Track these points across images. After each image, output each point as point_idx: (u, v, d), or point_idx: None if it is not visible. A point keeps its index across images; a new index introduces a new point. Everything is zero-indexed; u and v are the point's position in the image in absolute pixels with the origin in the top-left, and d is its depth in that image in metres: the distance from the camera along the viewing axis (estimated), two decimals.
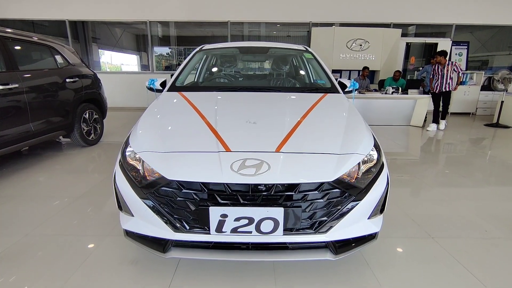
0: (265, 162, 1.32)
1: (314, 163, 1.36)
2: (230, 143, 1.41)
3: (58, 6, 7.63)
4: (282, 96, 2.16)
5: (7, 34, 3.03)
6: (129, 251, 1.77)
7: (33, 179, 2.92)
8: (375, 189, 1.43)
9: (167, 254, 1.39)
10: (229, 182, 1.27)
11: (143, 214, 1.40)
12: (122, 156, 1.55)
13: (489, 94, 7.88)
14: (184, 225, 1.35)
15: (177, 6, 7.73)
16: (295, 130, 1.53)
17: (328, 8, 7.82)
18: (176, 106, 1.99)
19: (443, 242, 1.92)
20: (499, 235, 2.02)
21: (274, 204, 1.29)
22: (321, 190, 1.31)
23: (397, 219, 2.21)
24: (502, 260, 1.74)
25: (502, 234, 2.02)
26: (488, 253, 1.81)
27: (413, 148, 4.73)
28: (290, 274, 1.60)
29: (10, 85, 2.84)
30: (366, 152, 1.47)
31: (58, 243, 1.85)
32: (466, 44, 8.16)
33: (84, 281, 1.52)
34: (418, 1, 7.78)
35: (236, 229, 1.30)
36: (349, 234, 1.41)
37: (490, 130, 6.02)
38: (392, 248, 1.85)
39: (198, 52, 2.78)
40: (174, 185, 1.32)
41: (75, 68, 3.93)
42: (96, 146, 4.23)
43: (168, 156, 1.39)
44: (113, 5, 7.75)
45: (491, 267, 1.67)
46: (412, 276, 1.59)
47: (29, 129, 3.08)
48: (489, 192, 2.77)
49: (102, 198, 2.51)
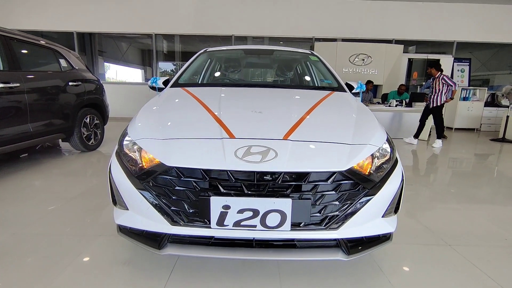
0: (272, 149, 1.22)
1: (325, 152, 1.26)
2: (235, 130, 1.32)
3: (66, 18, 7.82)
4: (288, 91, 2.10)
5: (13, 35, 3.04)
6: (121, 251, 1.64)
7: (27, 181, 2.81)
8: (390, 184, 1.32)
9: (163, 251, 1.27)
10: (233, 169, 1.16)
11: (138, 206, 1.29)
12: (119, 145, 1.46)
13: (493, 110, 7.84)
14: (183, 218, 1.23)
15: (183, 19, 7.90)
16: (303, 120, 1.44)
17: (331, 24, 7.97)
18: (179, 98, 1.91)
19: (460, 249, 1.77)
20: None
21: (282, 195, 1.18)
22: (333, 181, 1.20)
23: (411, 226, 2.08)
24: None
25: None
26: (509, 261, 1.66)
27: (419, 160, 4.62)
28: (296, 277, 1.45)
29: (11, 84, 2.80)
30: (379, 144, 1.37)
31: (46, 242, 1.72)
32: (468, 60, 8.22)
33: (71, 281, 1.39)
34: (420, 19, 7.93)
35: (239, 223, 1.18)
36: (362, 232, 1.29)
37: (496, 144, 5.92)
38: (407, 254, 1.71)
39: (202, 53, 2.75)
40: (173, 172, 1.21)
41: (78, 72, 3.92)
42: (96, 151, 4.14)
43: (168, 143, 1.29)
44: (120, 17, 7.93)
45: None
46: (429, 282, 1.45)
47: (27, 129, 3.01)
48: (503, 201, 2.63)
49: (97, 200, 2.39)
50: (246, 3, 7.86)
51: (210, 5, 7.87)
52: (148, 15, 7.92)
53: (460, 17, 7.90)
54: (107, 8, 7.88)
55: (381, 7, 7.88)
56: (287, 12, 7.90)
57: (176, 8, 7.87)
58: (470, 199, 2.68)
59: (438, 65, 5.29)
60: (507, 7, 7.82)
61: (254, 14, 7.90)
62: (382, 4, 7.86)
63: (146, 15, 7.91)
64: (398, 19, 7.95)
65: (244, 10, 7.88)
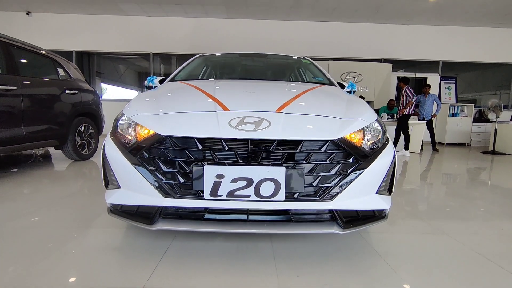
0: (265, 120, 1.24)
1: (318, 123, 1.29)
2: (229, 104, 1.35)
3: (66, 37, 8.05)
4: (281, 82, 2.16)
5: (13, 41, 3.12)
6: (110, 239, 1.58)
7: (18, 181, 2.75)
8: (382, 159, 1.34)
9: (154, 226, 1.24)
10: (227, 137, 1.18)
11: (131, 180, 1.27)
12: (114, 126, 1.46)
13: (482, 125, 8.07)
14: (176, 191, 1.22)
15: (180, 39, 8.19)
16: (296, 98, 1.49)
17: (323, 44, 8.33)
18: (174, 85, 1.95)
19: (459, 237, 1.75)
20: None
21: (275, 164, 1.18)
22: (325, 150, 1.22)
23: (406, 218, 2.06)
24: None
25: None
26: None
27: (413, 170, 4.65)
28: (291, 261, 1.41)
29: (7, 86, 2.83)
30: (370, 121, 1.41)
31: (33, 233, 1.66)
32: (454, 78, 8.57)
33: (53, 265, 1.32)
34: (406, 40, 8.34)
35: (233, 193, 1.17)
36: (357, 205, 1.28)
37: (487, 156, 6.01)
38: (404, 241, 1.68)
39: (197, 58, 2.85)
40: (167, 143, 1.22)
41: (75, 82, 3.98)
42: (88, 161, 4.09)
43: (163, 116, 1.31)
44: (119, 37, 8.19)
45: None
46: (428, 264, 1.42)
47: (21, 133, 2.99)
48: (498, 197, 2.64)
49: (87, 198, 2.34)
50: (242, 24, 8.23)
51: (206, 26, 8.21)
52: (146, 35, 8.20)
53: (445, 38, 8.34)
54: (106, 28, 8.16)
55: (370, 29, 8.31)
56: (282, 34, 8.27)
57: (173, 28, 8.18)
58: (465, 197, 2.69)
59: (406, 79, 5.90)
60: (490, 30, 8.31)
61: (250, 35, 8.24)
62: (371, 26, 8.29)
63: (144, 35, 8.19)
64: (385, 40, 8.35)
65: (240, 30, 8.22)
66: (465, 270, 1.37)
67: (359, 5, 7.09)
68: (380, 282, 1.24)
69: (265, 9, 7.46)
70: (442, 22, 8.00)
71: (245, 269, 1.33)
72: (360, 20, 8.05)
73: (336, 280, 1.23)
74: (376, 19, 7.97)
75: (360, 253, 1.49)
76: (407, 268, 1.36)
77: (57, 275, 1.24)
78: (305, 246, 1.55)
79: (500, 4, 6.73)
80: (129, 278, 1.22)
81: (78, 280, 1.20)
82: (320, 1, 6.86)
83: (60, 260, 1.35)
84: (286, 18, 8.05)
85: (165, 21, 8.18)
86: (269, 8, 7.40)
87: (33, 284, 1.17)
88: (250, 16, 7.97)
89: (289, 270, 1.33)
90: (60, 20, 8.06)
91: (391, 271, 1.32)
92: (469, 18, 7.62)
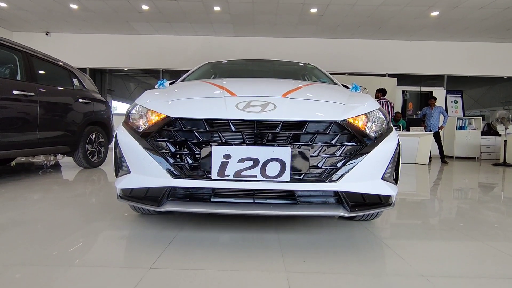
0: (270, 103, 1.29)
1: (322, 107, 1.33)
2: (236, 91, 1.41)
3: (81, 55, 8.45)
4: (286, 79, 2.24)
5: (33, 52, 3.31)
6: (116, 230, 1.60)
7: (27, 183, 2.82)
8: (386, 143, 1.36)
9: (162, 207, 1.27)
10: (234, 118, 1.22)
11: (141, 163, 1.32)
12: (126, 114, 1.53)
13: (491, 139, 7.96)
14: (184, 172, 1.26)
15: (189, 56, 8.50)
16: (301, 87, 1.54)
17: (328, 61, 8.50)
18: (185, 82, 2.04)
19: (466, 232, 1.72)
20: None
21: (281, 144, 1.22)
22: (330, 132, 1.25)
23: (414, 220, 2.03)
24: None
25: None
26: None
27: (425, 181, 4.59)
28: (297, 249, 1.40)
29: (26, 92, 2.98)
30: (373, 107, 1.44)
31: (40, 225, 1.69)
32: (460, 92, 8.58)
33: (62, 252, 1.35)
34: (410, 54, 8.47)
35: (240, 173, 1.20)
36: (361, 188, 1.29)
37: (498, 168, 5.89)
38: (411, 233, 1.66)
39: (205, 64, 2.97)
40: (177, 125, 1.27)
41: (89, 92, 4.15)
42: (98, 169, 4.17)
43: (174, 102, 1.37)
44: (131, 55, 8.56)
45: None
46: (437, 252, 1.39)
47: (35, 137, 3.10)
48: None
49: (96, 198, 2.38)
50: (249, 41, 8.52)
51: (215, 43, 8.53)
52: (157, 53, 8.55)
53: (449, 53, 8.44)
54: (119, 46, 8.55)
55: (374, 45, 8.49)
56: (287, 50, 8.49)
57: (183, 46, 8.52)
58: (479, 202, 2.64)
59: (384, 90, 6.42)
60: (493, 44, 8.40)
61: (257, 51, 8.50)
62: (375, 42, 8.48)
63: (156, 52, 8.54)
64: (389, 55, 8.49)
65: (247, 47, 8.50)
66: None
67: (362, 22, 7.31)
68: (387, 268, 1.22)
69: (270, 27, 7.75)
70: (444, 37, 8.15)
71: (251, 255, 1.33)
72: (363, 36, 8.26)
73: (344, 266, 1.22)
74: (379, 35, 8.17)
75: (366, 243, 1.47)
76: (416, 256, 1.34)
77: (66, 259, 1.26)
78: (311, 236, 1.54)
79: (501, 19, 6.85)
80: (136, 261, 1.23)
81: (85, 261, 1.22)
82: (324, 18, 7.10)
83: (70, 247, 1.38)
84: (291, 35, 8.33)
85: (175, 39, 8.54)
86: (274, 26, 7.69)
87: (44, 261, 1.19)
88: (256, 33, 8.27)
89: (295, 257, 1.32)
90: (76, 40, 8.49)
91: (401, 260, 1.30)
92: (471, 33, 7.75)
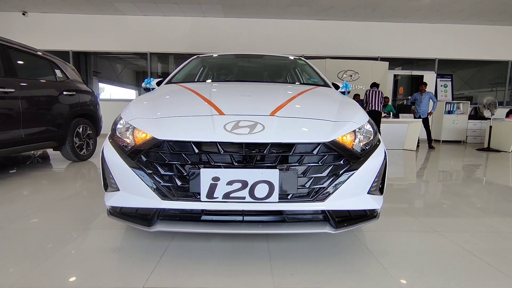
0: (259, 123, 1.28)
1: (310, 126, 1.33)
2: (224, 109, 1.39)
3: (62, 38, 8.03)
4: (276, 84, 2.21)
5: (10, 43, 3.13)
6: (110, 241, 1.62)
7: (17, 182, 2.78)
8: (373, 159, 1.38)
9: (153, 227, 1.28)
10: (222, 141, 1.22)
11: (130, 183, 1.31)
12: (112, 129, 1.50)
13: (477, 123, 8.14)
14: (173, 193, 1.26)
15: (177, 39, 8.19)
16: (290, 102, 1.53)
17: (320, 43, 8.36)
18: (172, 88, 1.99)
19: (449, 235, 1.81)
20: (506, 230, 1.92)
21: (269, 167, 1.23)
22: (318, 153, 1.26)
23: (399, 216, 2.11)
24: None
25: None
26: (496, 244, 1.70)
27: (412, 166, 4.71)
28: (286, 261, 1.45)
29: (6, 89, 2.85)
30: (361, 123, 1.45)
31: (34, 235, 1.69)
32: (450, 76, 8.63)
33: (56, 266, 1.36)
34: (403, 38, 8.38)
35: (229, 195, 1.22)
36: (349, 205, 1.33)
37: (482, 153, 6.09)
38: (396, 240, 1.74)
39: (194, 59, 2.88)
40: (164, 147, 1.26)
41: (73, 83, 4.00)
42: (87, 162, 4.12)
43: (160, 121, 1.35)
44: (116, 37, 8.18)
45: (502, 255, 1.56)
46: (418, 261, 1.47)
47: (19, 135, 3.02)
48: (494, 192, 2.71)
49: (87, 200, 2.37)
50: (239, 23, 8.23)
51: (204, 25, 8.22)
52: (143, 35, 8.19)
53: (440, 36, 8.39)
54: (103, 28, 8.15)
55: (367, 27, 8.34)
56: (279, 32, 8.28)
57: (171, 28, 8.18)
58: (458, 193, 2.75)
59: (377, 84, 6.43)
60: (485, 27, 8.36)
61: (248, 33, 8.25)
62: (368, 25, 8.32)
63: (142, 34, 8.19)
64: (382, 39, 8.39)
65: (237, 29, 8.23)
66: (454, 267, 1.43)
67: (356, 4, 7.12)
68: (373, 280, 1.28)
69: (262, 8, 7.48)
70: (437, 20, 8.05)
71: (241, 268, 1.37)
72: (356, 18, 8.08)
73: (329, 278, 1.28)
74: (372, 18, 8.00)
75: (353, 252, 1.54)
76: (399, 266, 1.41)
77: (58, 275, 1.27)
78: (300, 245, 1.59)
79: (495, 2, 6.78)
80: (129, 278, 1.26)
81: (78, 281, 1.24)
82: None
83: (60, 261, 1.39)
84: (283, 16, 8.07)
85: (162, 20, 8.17)
86: (266, 7, 7.41)
87: (35, 284, 1.21)
88: (247, 15, 7.98)
89: (284, 269, 1.37)
90: (56, 20, 8.03)
91: (383, 270, 1.37)
92: (464, 16, 7.67)
